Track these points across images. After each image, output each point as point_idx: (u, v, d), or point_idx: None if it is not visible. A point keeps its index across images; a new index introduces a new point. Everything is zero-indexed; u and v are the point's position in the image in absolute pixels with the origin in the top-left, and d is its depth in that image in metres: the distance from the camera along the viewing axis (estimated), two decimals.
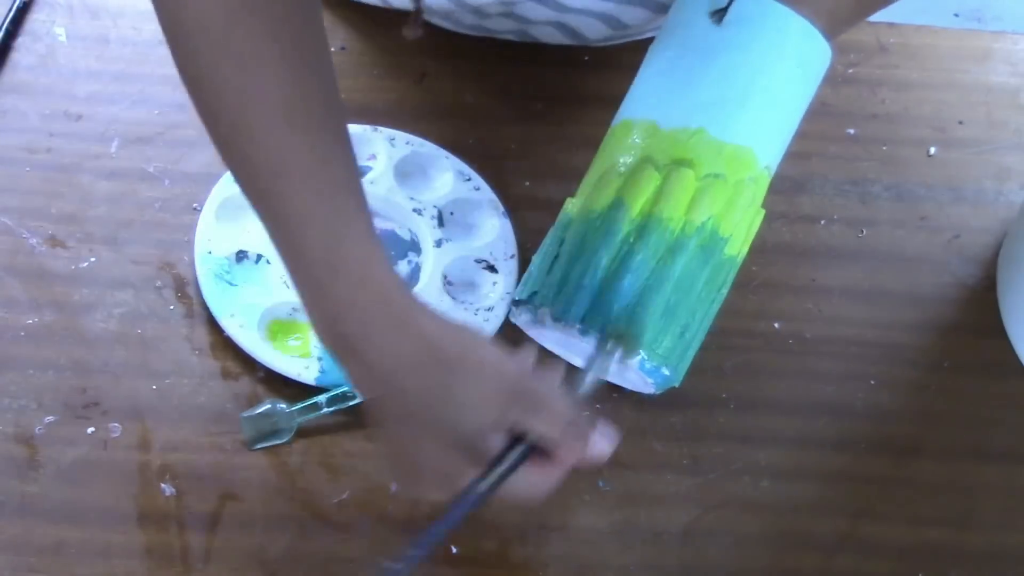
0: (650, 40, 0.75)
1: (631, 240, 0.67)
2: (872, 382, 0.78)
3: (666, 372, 0.68)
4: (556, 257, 0.69)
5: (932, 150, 0.88)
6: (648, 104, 0.71)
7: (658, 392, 0.70)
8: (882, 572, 0.71)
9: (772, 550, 0.72)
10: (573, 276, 0.68)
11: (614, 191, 0.69)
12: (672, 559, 0.70)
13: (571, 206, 0.71)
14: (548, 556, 0.70)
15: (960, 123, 0.89)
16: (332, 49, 0.83)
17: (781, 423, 0.75)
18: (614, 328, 0.65)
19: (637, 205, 0.68)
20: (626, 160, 0.70)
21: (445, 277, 0.77)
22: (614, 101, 0.73)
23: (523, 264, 0.78)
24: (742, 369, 0.77)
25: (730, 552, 0.71)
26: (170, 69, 0.82)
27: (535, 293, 0.69)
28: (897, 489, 0.74)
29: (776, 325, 0.79)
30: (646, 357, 0.66)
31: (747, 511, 0.72)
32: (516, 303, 0.71)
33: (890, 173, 0.86)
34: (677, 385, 0.69)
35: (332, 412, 0.72)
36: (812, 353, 0.78)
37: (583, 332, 0.67)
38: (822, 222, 0.84)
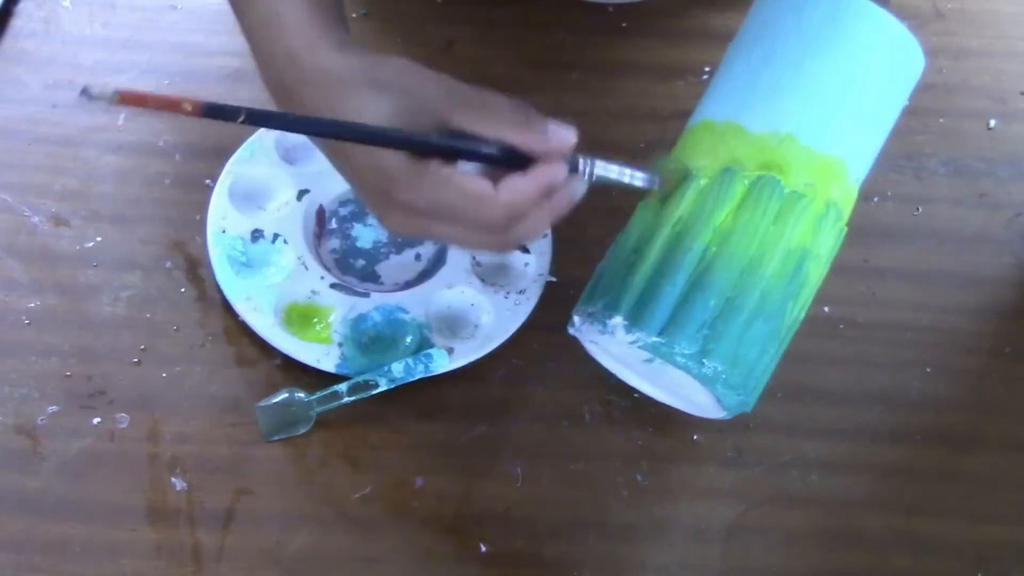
0: None
1: (712, 251, 0.63)
2: (928, 369, 0.76)
3: (742, 398, 0.64)
4: (631, 266, 0.64)
5: (992, 123, 0.86)
6: (732, 105, 0.67)
7: (729, 418, 0.68)
8: (939, 571, 0.70)
9: (821, 548, 0.70)
10: (651, 287, 0.63)
11: (695, 197, 0.64)
12: (715, 558, 0.69)
13: (644, 210, 0.67)
14: (583, 555, 0.69)
15: (1022, 94, 0.87)
16: (354, 15, 0.83)
17: (831, 413, 0.74)
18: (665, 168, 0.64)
19: (721, 214, 0.64)
20: (707, 163, 0.65)
21: (474, 258, 0.76)
22: (653, 71, 0.71)
23: (556, 244, 0.76)
24: (789, 355, 0.73)
25: (776, 551, 0.70)
26: (181, 36, 0.81)
27: (609, 302, 0.64)
28: (955, 483, 0.72)
29: (826, 309, 0.77)
30: (724, 386, 0.63)
31: (795, 507, 0.71)
32: (588, 313, 0.66)
33: (947, 147, 0.85)
34: (749, 411, 0.67)
35: (353, 401, 0.70)
36: (864, 339, 0.77)
37: (660, 348, 0.62)
38: (875, 199, 0.82)
